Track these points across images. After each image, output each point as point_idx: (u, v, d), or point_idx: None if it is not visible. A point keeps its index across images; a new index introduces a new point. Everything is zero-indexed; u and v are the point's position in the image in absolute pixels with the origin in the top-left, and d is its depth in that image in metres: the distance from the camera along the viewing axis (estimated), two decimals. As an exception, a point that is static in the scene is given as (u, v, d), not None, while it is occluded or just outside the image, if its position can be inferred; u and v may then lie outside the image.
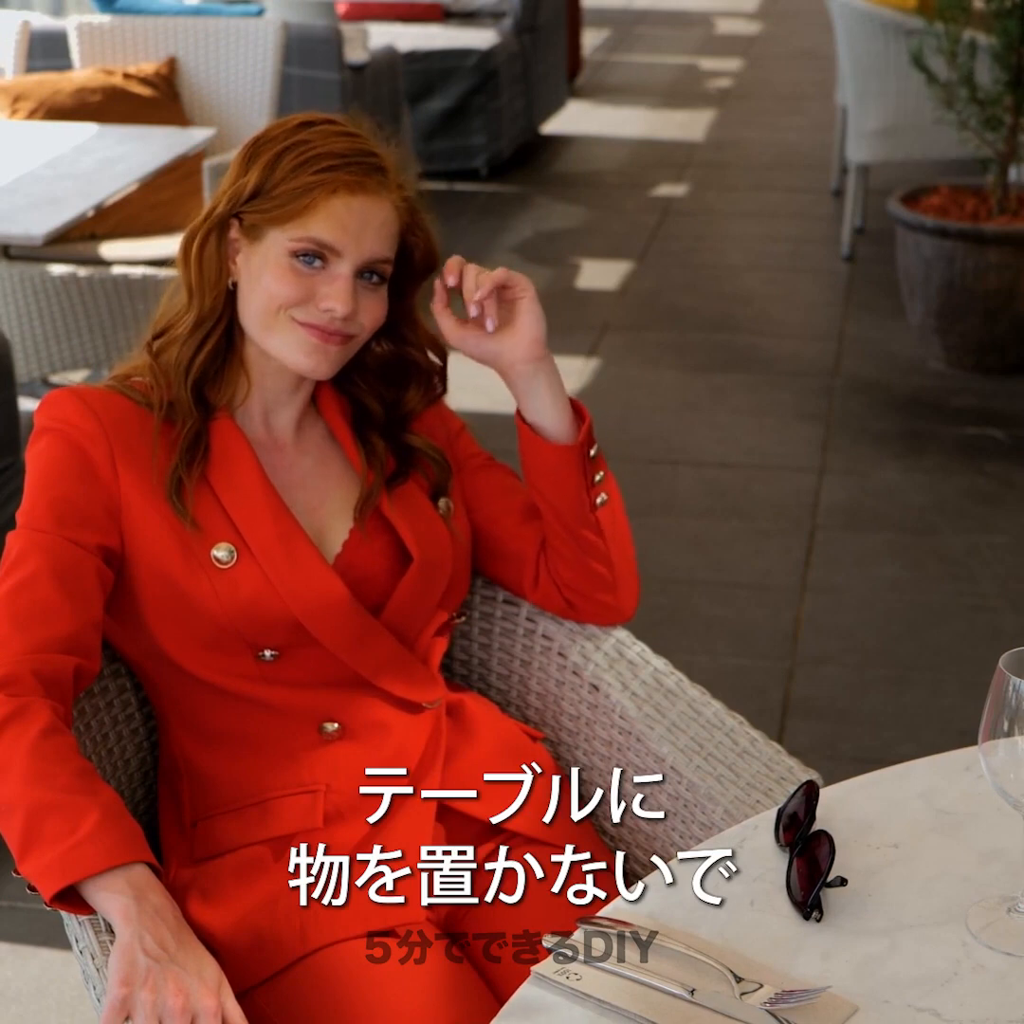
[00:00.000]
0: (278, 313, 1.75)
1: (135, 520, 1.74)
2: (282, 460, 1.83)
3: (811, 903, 1.43)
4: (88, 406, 1.77)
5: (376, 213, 1.76)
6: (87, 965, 1.52)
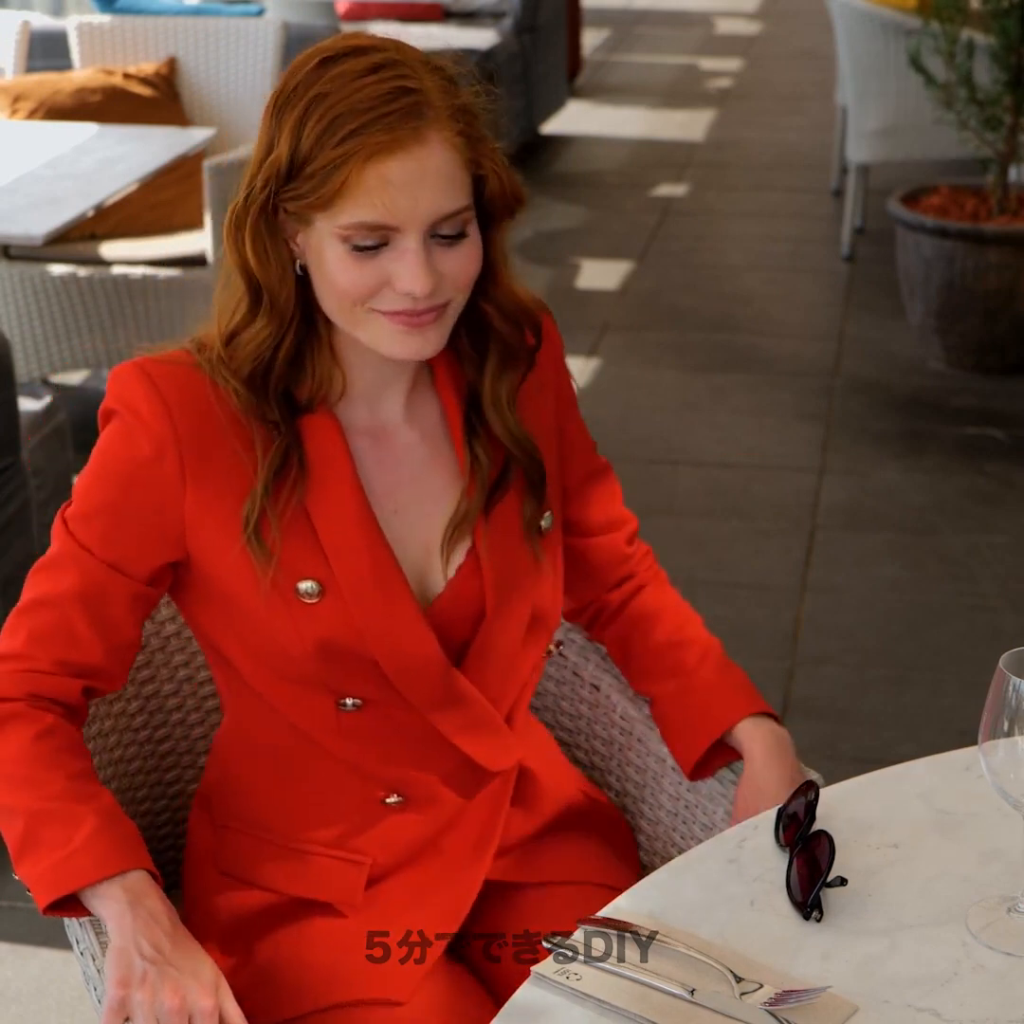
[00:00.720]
0: (354, 308, 1.51)
1: (204, 540, 1.56)
2: (390, 454, 1.62)
3: (811, 903, 1.43)
4: (159, 394, 1.55)
5: (425, 165, 1.46)
6: (88, 966, 1.53)
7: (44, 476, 3.20)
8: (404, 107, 1.45)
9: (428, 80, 1.48)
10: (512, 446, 1.62)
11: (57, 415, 3.29)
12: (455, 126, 1.48)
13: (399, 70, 1.47)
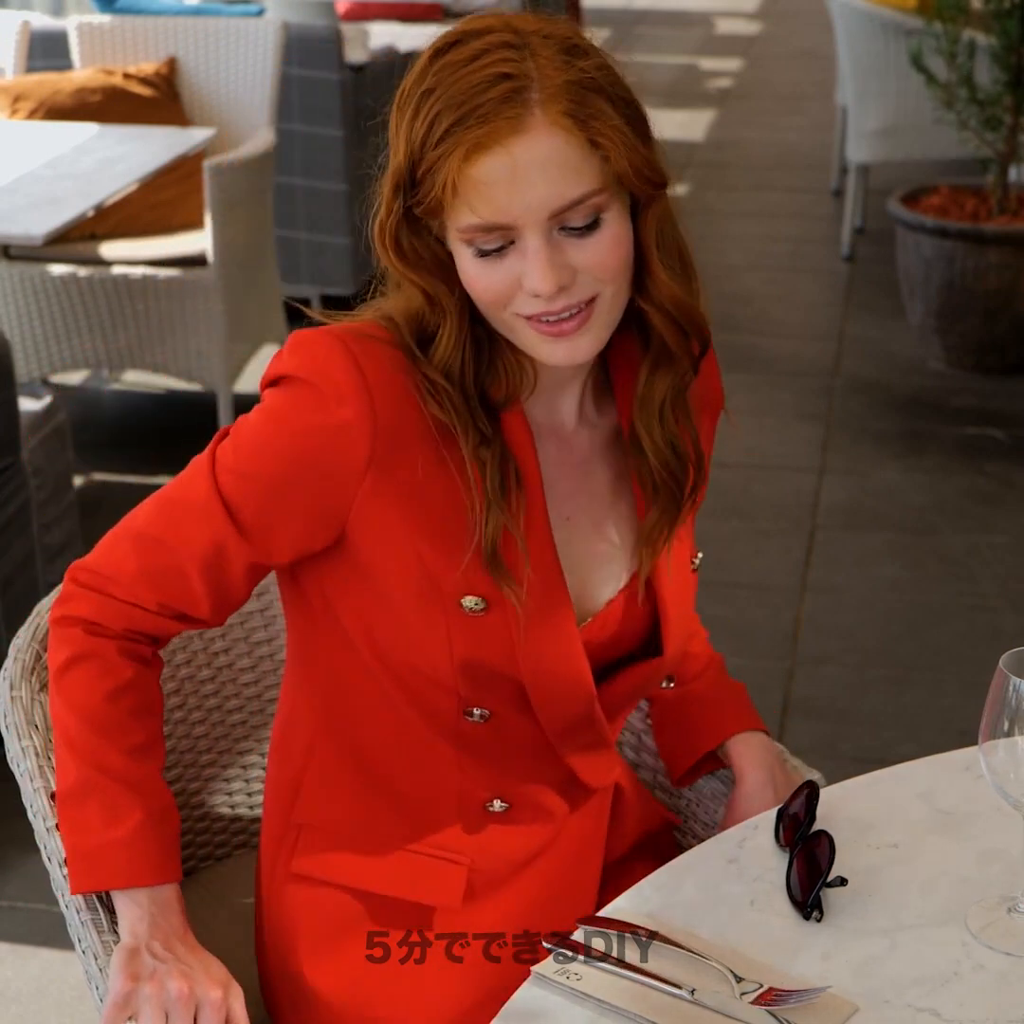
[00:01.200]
0: (498, 313, 1.42)
1: (370, 533, 1.46)
2: (570, 456, 1.52)
3: (811, 903, 1.43)
4: (362, 372, 1.42)
5: (526, 156, 1.35)
6: (90, 965, 1.52)
7: (44, 476, 3.21)
8: (499, 95, 1.34)
9: (541, 56, 1.36)
10: (655, 456, 1.52)
11: (57, 415, 3.29)
12: (561, 106, 1.35)
13: (502, 53, 1.36)
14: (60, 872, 1.54)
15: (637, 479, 1.54)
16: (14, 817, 1.85)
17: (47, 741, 1.62)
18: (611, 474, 1.55)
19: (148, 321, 4.25)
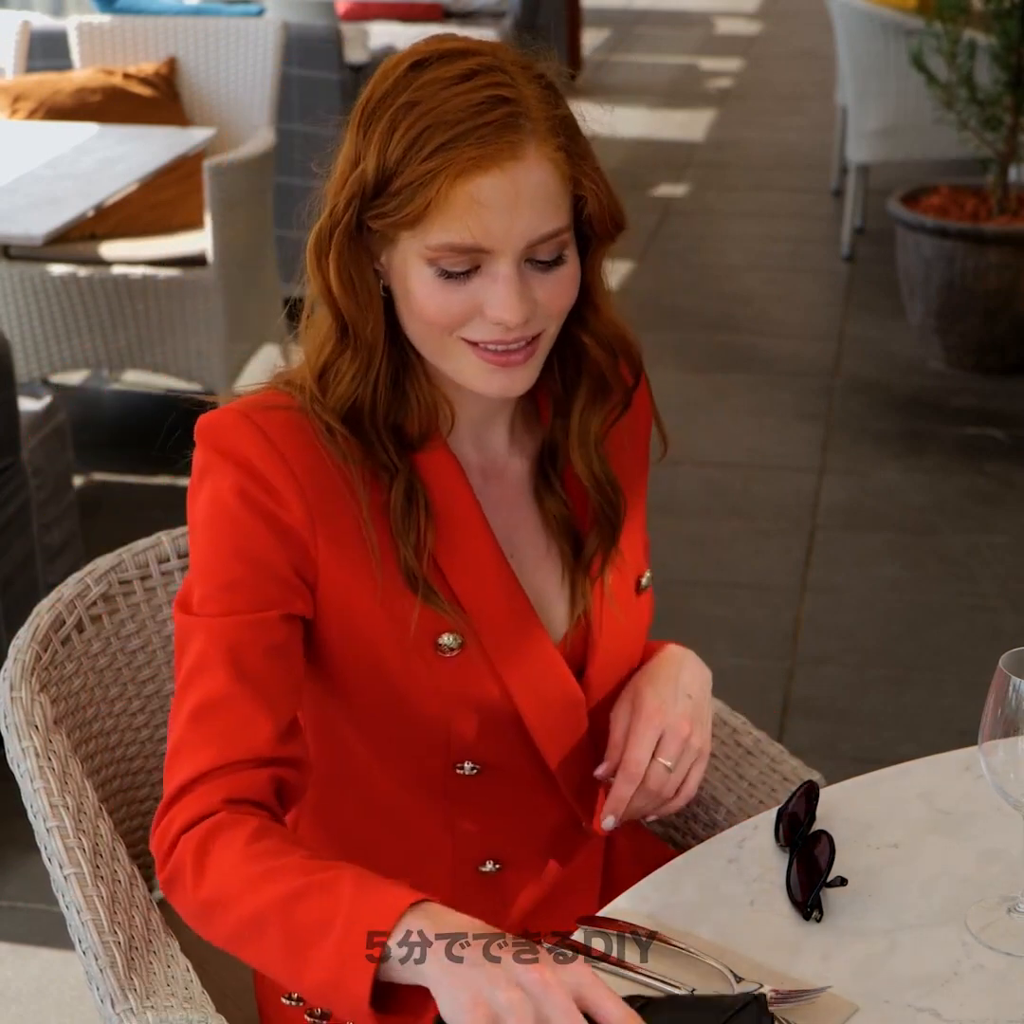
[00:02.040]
0: (443, 337, 1.39)
1: (337, 594, 1.44)
2: (505, 492, 1.52)
3: (811, 903, 1.43)
4: (271, 443, 1.41)
5: (521, 184, 1.34)
6: (90, 965, 1.52)
7: (44, 476, 3.21)
8: (499, 118, 1.33)
9: (527, 88, 1.36)
10: (593, 488, 1.52)
11: (57, 415, 3.30)
12: (555, 140, 1.36)
13: (494, 76, 1.35)
14: (60, 872, 1.54)
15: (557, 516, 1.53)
16: (14, 817, 1.85)
17: (47, 741, 1.62)
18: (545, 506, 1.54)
19: (148, 321, 4.25)
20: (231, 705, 1.40)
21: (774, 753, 1.82)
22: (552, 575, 1.54)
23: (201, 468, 1.44)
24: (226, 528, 1.42)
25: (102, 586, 1.76)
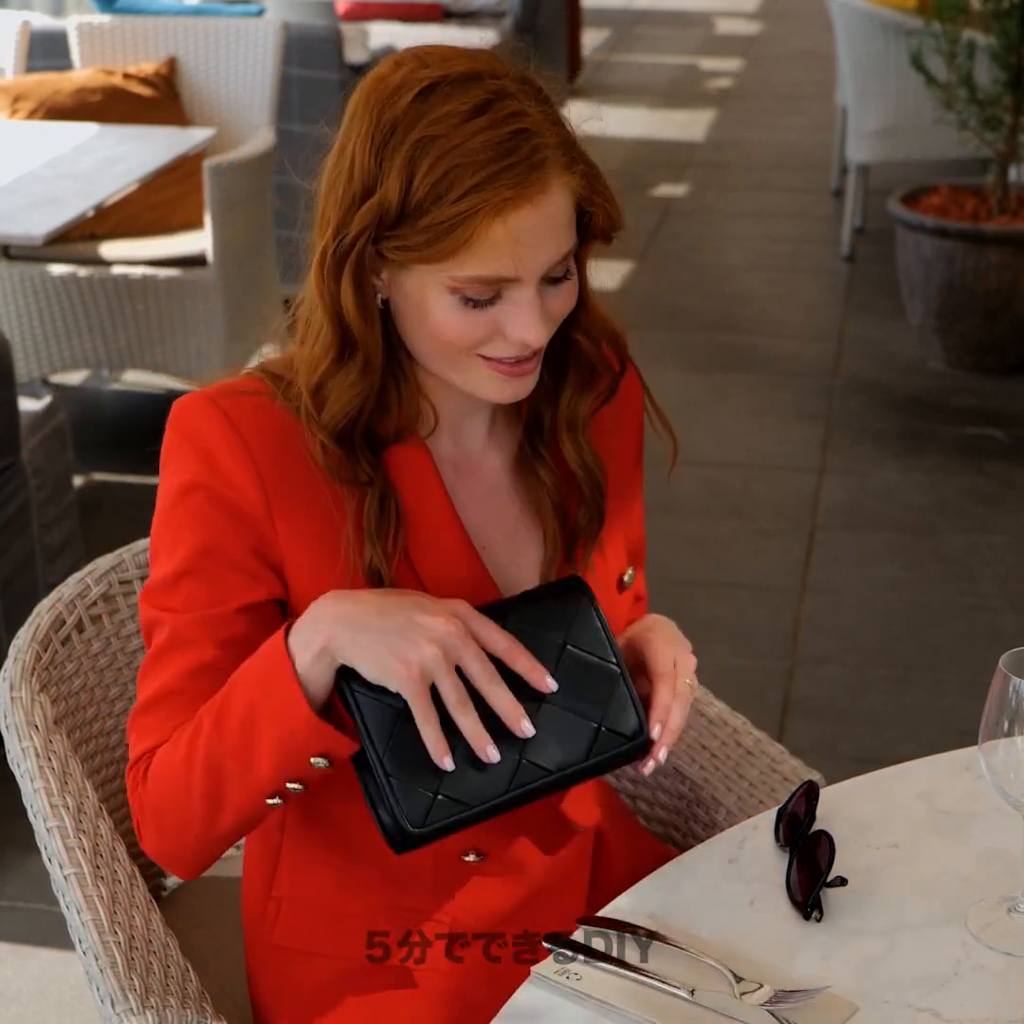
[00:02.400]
0: (459, 355, 1.42)
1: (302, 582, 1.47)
2: (480, 486, 1.55)
3: (811, 903, 1.43)
4: (235, 429, 1.45)
5: (547, 214, 1.38)
6: (90, 965, 1.52)
7: (44, 476, 3.21)
8: (527, 156, 1.35)
9: (535, 111, 1.38)
10: (582, 472, 1.55)
11: (57, 415, 3.30)
12: (570, 165, 1.40)
13: (508, 105, 1.36)
14: (60, 872, 1.55)
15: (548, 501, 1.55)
16: (14, 817, 1.85)
17: (47, 741, 1.62)
18: (522, 500, 1.56)
19: (148, 321, 4.25)
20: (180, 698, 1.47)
21: (774, 753, 1.82)
22: (528, 566, 1.56)
23: (165, 450, 1.49)
24: (182, 517, 1.46)
25: (102, 586, 1.76)
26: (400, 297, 1.43)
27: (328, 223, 1.42)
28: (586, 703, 1.44)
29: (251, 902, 1.65)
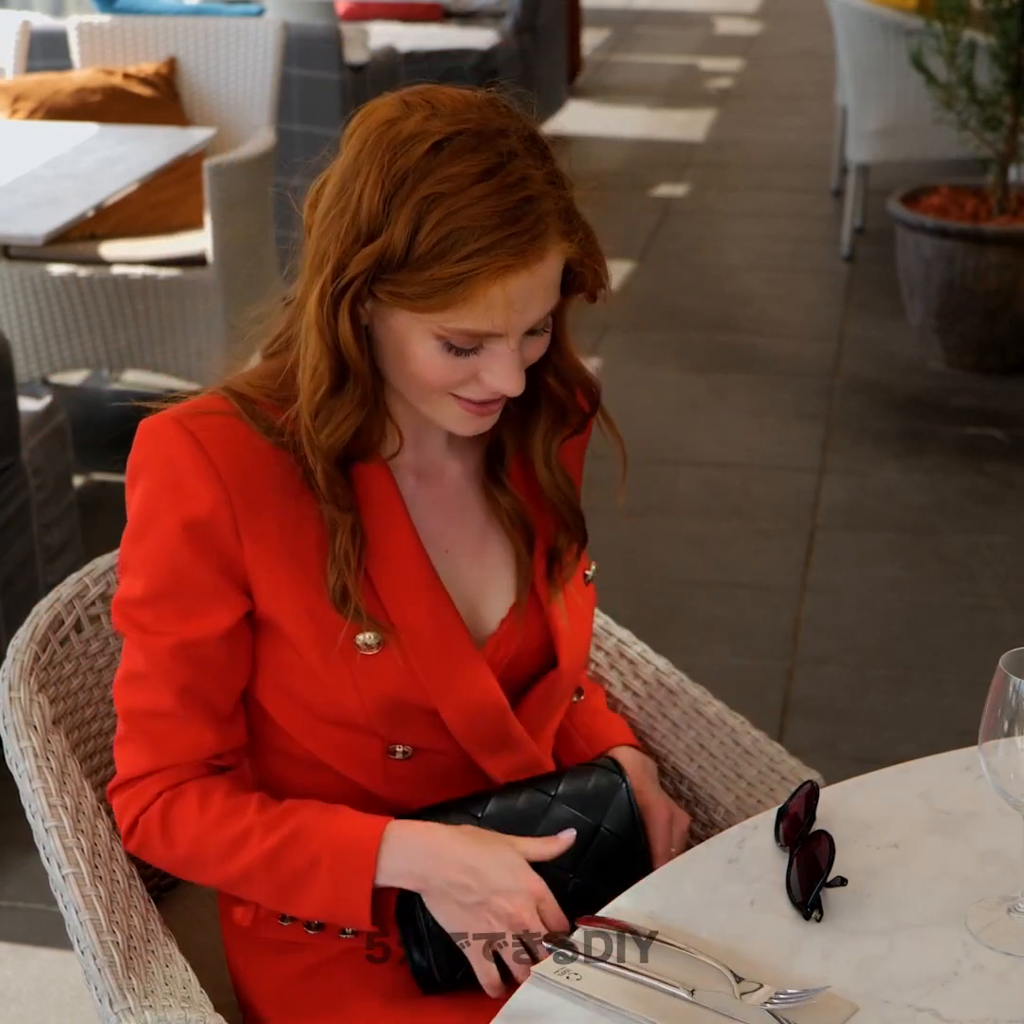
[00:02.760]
0: (433, 394, 1.48)
1: (265, 595, 1.51)
2: (440, 492, 1.59)
3: (811, 903, 1.43)
4: (202, 449, 1.48)
5: (542, 279, 1.44)
6: (89, 965, 1.52)
7: (44, 476, 3.20)
8: (530, 226, 1.41)
9: (538, 174, 1.43)
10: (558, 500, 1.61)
11: (57, 415, 3.29)
12: (567, 232, 1.44)
13: (515, 171, 1.41)
14: (59, 872, 1.54)
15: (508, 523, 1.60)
16: (13, 817, 1.85)
17: (45, 741, 1.62)
18: (484, 501, 1.61)
19: (148, 321, 4.25)
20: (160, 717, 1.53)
21: (772, 753, 1.82)
22: (492, 570, 1.61)
23: (132, 470, 1.52)
24: (151, 540, 1.50)
25: (101, 586, 1.76)
26: (382, 330, 1.47)
27: (326, 258, 1.45)
28: (605, 878, 1.58)
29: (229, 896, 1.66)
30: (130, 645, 1.55)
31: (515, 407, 1.57)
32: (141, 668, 1.53)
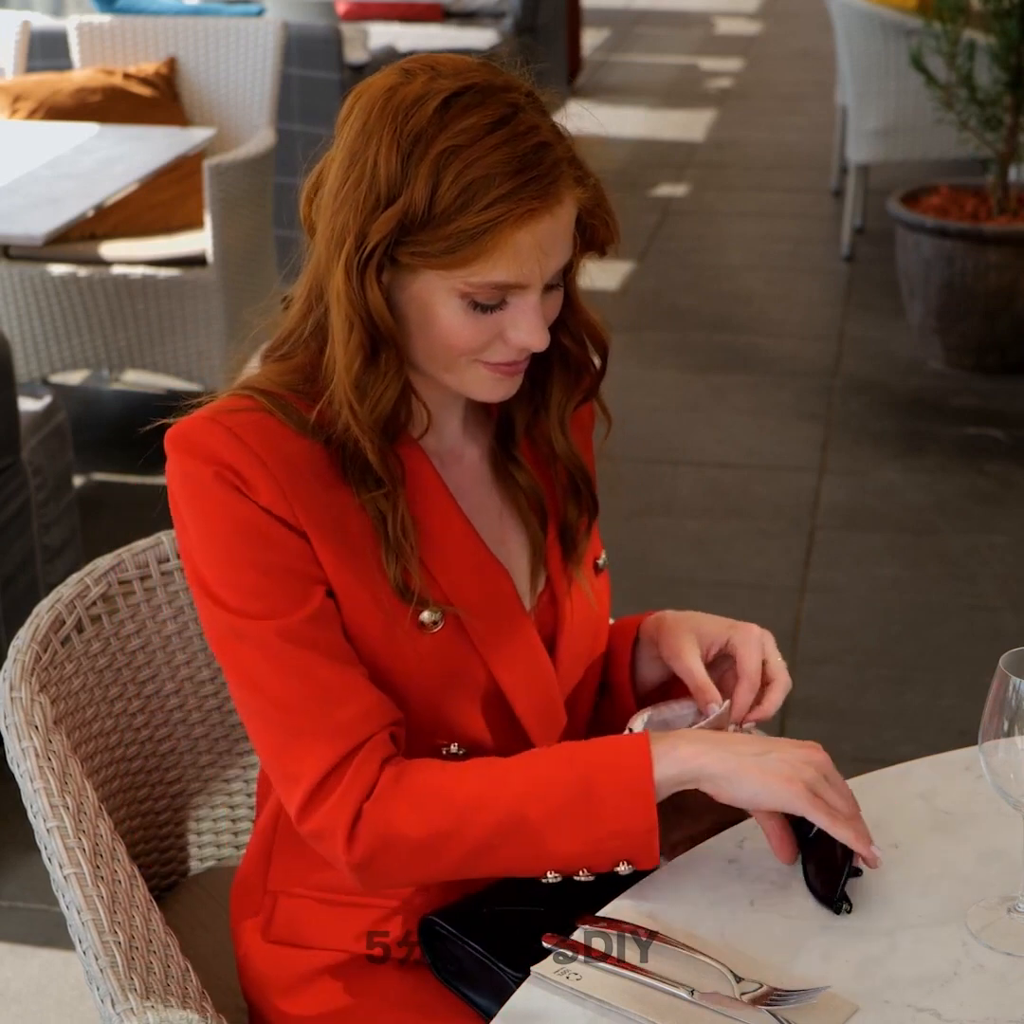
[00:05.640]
0: (459, 359, 1.47)
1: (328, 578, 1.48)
2: (463, 477, 1.58)
3: (839, 896, 1.43)
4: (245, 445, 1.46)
5: (562, 224, 1.45)
6: (90, 965, 1.52)
7: (44, 476, 3.21)
8: (547, 170, 1.42)
9: (545, 125, 1.44)
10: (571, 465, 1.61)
11: (57, 415, 3.29)
12: (584, 180, 1.47)
13: (524, 121, 1.43)
14: (60, 872, 1.54)
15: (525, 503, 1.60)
16: (14, 817, 1.85)
17: (47, 741, 1.62)
18: (499, 484, 1.61)
19: (148, 321, 4.25)
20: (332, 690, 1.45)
21: (774, 753, 1.82)
22: (512, 554, 1.59)
23: (180, 475, 1.49)
24: (235, 540, 1.46)
25: (102, 586, 1.76)
26: (404, 299, 1.46)
27: (346, 230, 1.44)
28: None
29: (244, 898, 1.66)
30: (239, 657, 1.48)
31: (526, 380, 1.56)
32: (260, 670, 1.46)
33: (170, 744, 1.85)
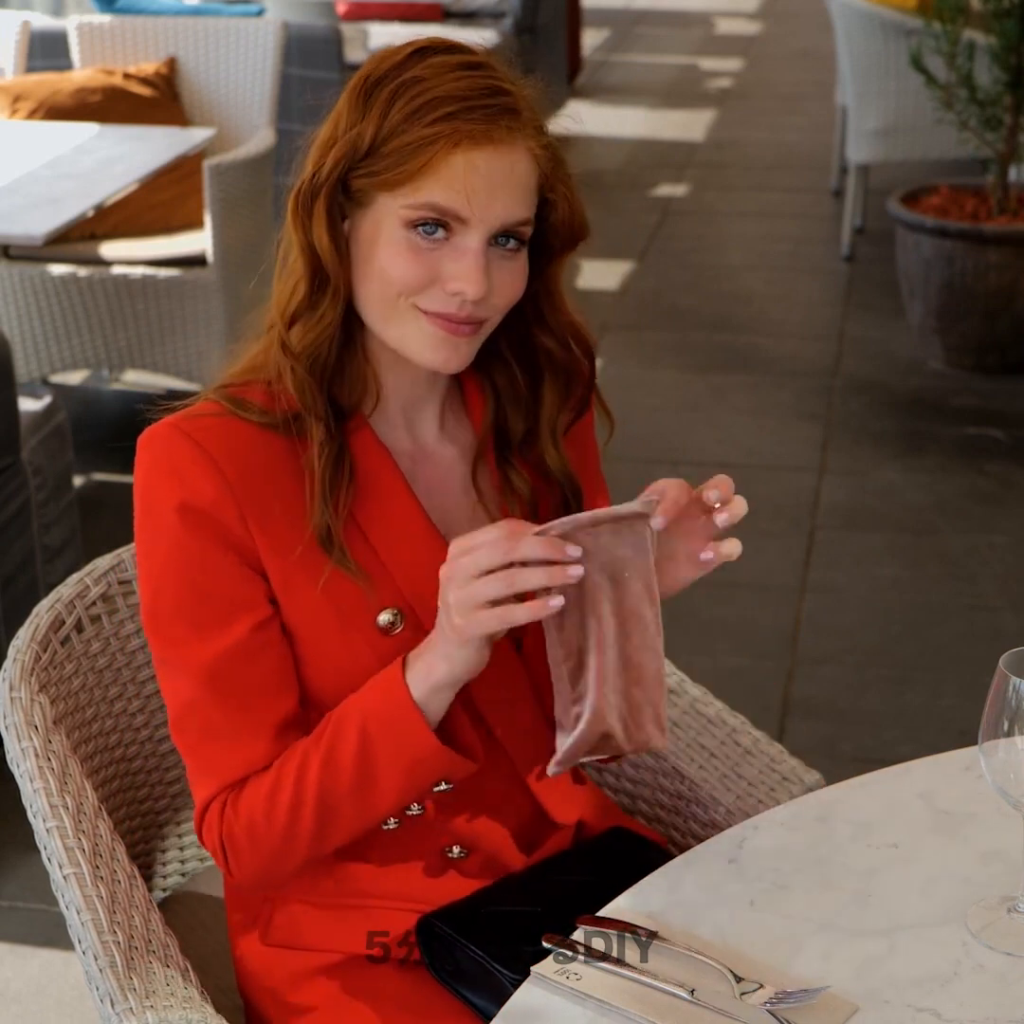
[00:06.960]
0: (398, 300, 1.46)
1: (279, 585, 1.50)
2: (434, 473, 1.58)
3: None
4: (201, 449, 1.48)
5: (509, 166, 1.44)
6: (90, 965, 1.52)
7: (44, 476, 3.21)
8: (502, 105, 1.44)
9: (521, 90, 1.47)
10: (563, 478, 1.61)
11: (57, 415, 3.29)
12: (542, 139, 1.47)
13: (495, 73, 1.46)
14: (60, 872, 1.55)
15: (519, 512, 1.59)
16: (14, 817, 1.85)
17: (46, 742, 1.62)
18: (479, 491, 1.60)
19: (148, 321, 4.25)
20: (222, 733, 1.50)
21: (773, 753, 1.83)
22: None
23: (141, 482, 1.51)
24: (174, 552, 1.49)
25: (101, 586, 1.76)
26: (357, 242, 1.48)
27: (304, 171, 1.50)
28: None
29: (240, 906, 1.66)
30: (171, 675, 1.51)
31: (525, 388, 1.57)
32: (187, 695, 1.50)
33: (170, 744, 1.85)
